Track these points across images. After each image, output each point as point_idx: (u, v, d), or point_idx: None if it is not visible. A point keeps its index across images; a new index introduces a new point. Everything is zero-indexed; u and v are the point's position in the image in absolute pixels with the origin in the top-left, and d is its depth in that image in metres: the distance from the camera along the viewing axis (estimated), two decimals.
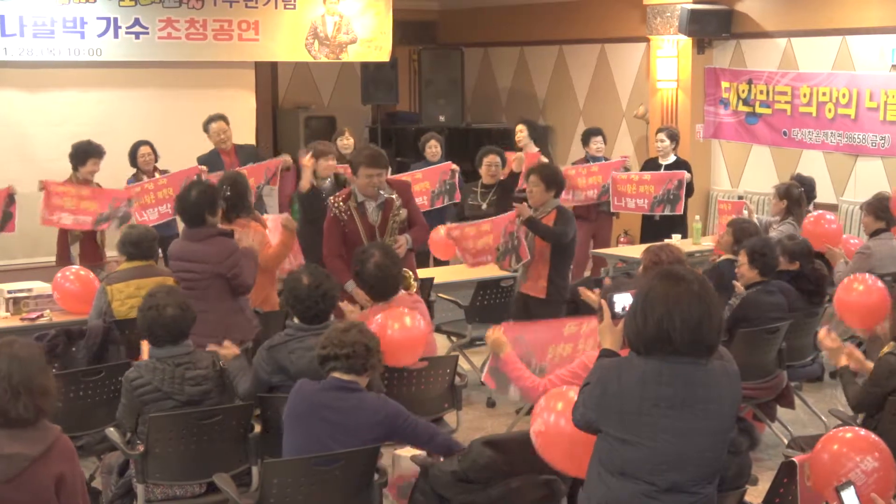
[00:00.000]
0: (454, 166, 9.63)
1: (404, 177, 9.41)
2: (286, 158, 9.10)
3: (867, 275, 6.41)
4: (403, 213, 6.70)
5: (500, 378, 4.98)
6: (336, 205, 6.69)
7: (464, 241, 7.61)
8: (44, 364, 3.52)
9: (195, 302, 5.22)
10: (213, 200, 6.29)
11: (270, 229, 7.02)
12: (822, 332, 5.29)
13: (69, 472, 3.44)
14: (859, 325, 6.26)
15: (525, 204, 7.08)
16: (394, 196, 6.68)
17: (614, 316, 3.73)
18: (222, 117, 9.27)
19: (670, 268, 3.54)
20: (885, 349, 5.10)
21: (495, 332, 5.00)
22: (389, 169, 7.05)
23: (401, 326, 5.32)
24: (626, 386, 3.32)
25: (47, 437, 3.41)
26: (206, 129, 9.23)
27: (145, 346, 5.17)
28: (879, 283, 6.23)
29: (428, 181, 9.53)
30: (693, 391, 3.31)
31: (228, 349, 5.19)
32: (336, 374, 4.48)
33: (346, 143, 9.74)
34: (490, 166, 9.03)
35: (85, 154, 8.50)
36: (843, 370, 5.17)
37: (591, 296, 5.80)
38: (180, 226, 8.51)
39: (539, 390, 4.60)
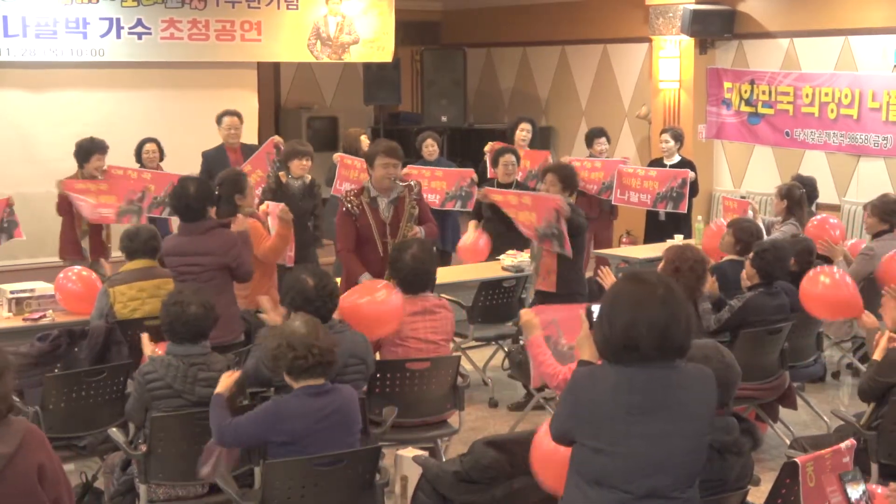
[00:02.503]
0: (475, 175, 9.59)
1: (424, 170, 9.50)
2: (276, 138, 9.13)
3: (834, 268, 6.51)
4: (416, 210, 6.75)
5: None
6: (348, 199, 6.70)
7: (506, 207, 7.42)
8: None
9: None
10: (210, 193, 6.35)
11: (270, 213, 7.05)
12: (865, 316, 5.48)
13: (47, 460, 3.43)
14: (825, 315, 6.39)
15: (565, 204, 7.02)
16: (405, 193, 6.72)
17: (592, 327, 3.64)
18: (237, 113, 9.35)
19: (635, 272, 3.48)
20: None
21: (528, 315, 4.98)
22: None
23: (370, 300, 5.44)
24: (599, 394, 3.28)
25: (17, 432, 3.39)
26: (218, 122, 9.29)
27: (146, 339, 5.19)
28: (847, 278, 6.33)
29: (446, 181, 9.52)
30: (666, 395, 3.27)
31: (276, 313, 5.24)
32: (310, 381, 4.38)
33: (367, 141, 9.92)
34: (506, 165, 9.08)
35: (88, 151, 8.52)
36: (872, 362, 5.25)
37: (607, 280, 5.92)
38: (174, 226, 8.58)
39: (558, 378, 4.63)
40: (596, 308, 3.61)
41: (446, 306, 5.95)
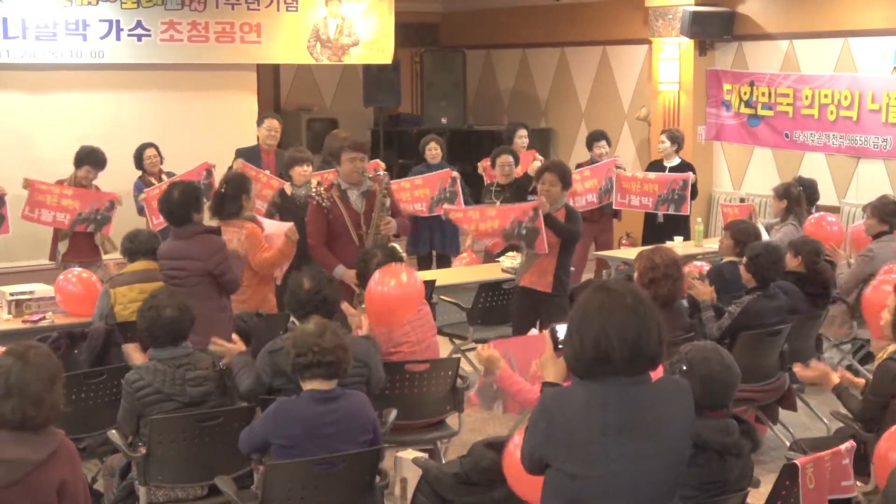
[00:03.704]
0: (454, 173, 9.52)
1: (403, 182, 9.45)
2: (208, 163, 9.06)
3: None
4: (388, 201, 6.78)
5: (487, 395, 4.94)
6: (318, 194, 6.72)
7: (466, 224, 7.44)
8: (50, 376, 3.46)
9: None
10: (196, 198, 6.31)
11: (269, 234, 7.04)
12: (798, 368, 5.27)
13: (71, 477, 3.43)
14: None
15: (544, 199, 7.05)
16: (375, 187, 6.76)
17: (556, 348, 3.53)
18: (278, 117, 9.42)
19: (602, 283, 3.38)
20: (883, 354, 5.09)
21: (487, 351, 4.82)
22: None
23: (397, 283, 5.45)
24: (571, 416, 3.17)
25: (51, 442, 3.40)
26: (259, 123, 9.33)
27: (131, 350, 5.22)
28: None
29: (428, 187, 9.48)
30: (641, 413, 3.18)
31: (234, 345, 5.18)
32: (315, 385, 4.38)
33: None
34: (504, 166, 9.09)
35: (79, 161, 8.58)
36: (838, 388, 5.14)
37: None
38: None
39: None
40: (560, 328, 3.50)
41: (423, 301, 5.98)
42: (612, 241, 10.47)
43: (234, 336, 5.28)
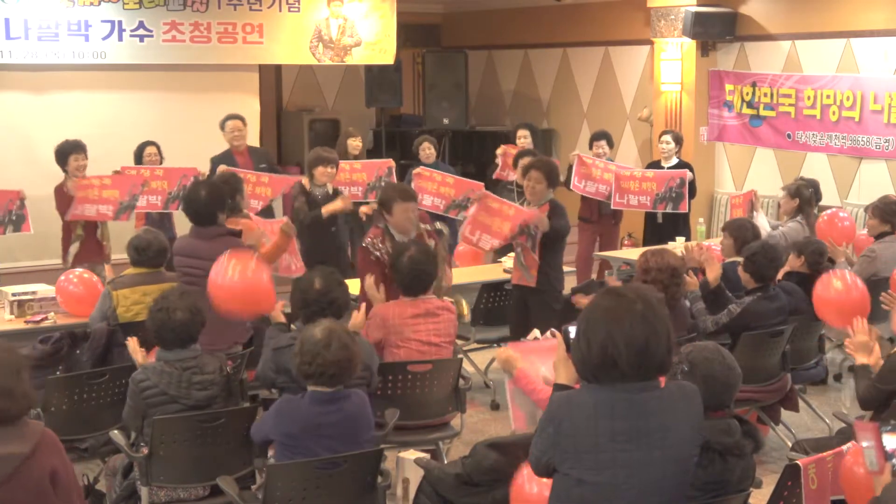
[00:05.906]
0: (483, 189, 9.50)
1: (436, 174, 9.43)
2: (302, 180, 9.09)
3: (846, 272, 6.36)
4: (432, 242, 6.65)
5: (524, 403, 4.61)
6: (375, 247, 6.43)
7: (491, 215, 7.41)
8: (16, 368, 3.45)
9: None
10: (223, 199, 6.36)
11: (267, 233, 7.12)
12: (859, 324, 5.13)
13: (61, 465, 3.44)
14: (837, 322, 6.01)
15: (545, 219, 7.01)
16: (423, 227, 6.64)
17: (569, 349, 3.48)
18: (239, 117, 9.38)
19: (612, 287, 3.37)
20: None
21: (504, 352, 4.69)
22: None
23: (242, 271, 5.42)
24: (579, 422, 3.16)
25: (33, 434, 3.40)
26: (222, 127, 9.28)
27: (134, 345, 5.22)
28: (859, 282, 6.17)
29: (454, 189, 9.41)
30: (648, 420, 3.16)
31: (277, 314, 5.42)
32: (318, 387, 4.39)
33: (356, 143, 9.98)
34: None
35: (64, 154, 8.54)
36: (860, 367, 5.14)
37: (583, 302, 5.78)
38: (177, 227, 8.65)
39: None
40: (572, 329, 3.46)
41: (449, 308, 5.95)
42: (616, 241, 10.46)
43: (279, 305, 5.46)
